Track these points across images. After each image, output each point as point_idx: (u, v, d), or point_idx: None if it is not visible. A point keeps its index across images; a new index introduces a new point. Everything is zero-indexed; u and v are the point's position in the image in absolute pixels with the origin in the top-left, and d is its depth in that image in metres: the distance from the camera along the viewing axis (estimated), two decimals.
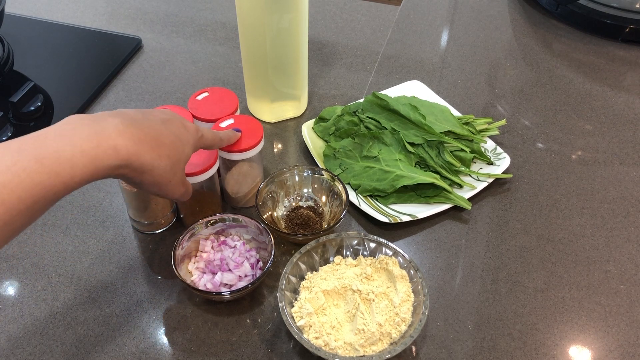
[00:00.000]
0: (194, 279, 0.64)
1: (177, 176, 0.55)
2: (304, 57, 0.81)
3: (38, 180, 0.42)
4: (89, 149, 0.45)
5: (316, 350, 0.55)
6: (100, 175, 0.47)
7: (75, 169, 0.44)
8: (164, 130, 0.52)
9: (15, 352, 0.60)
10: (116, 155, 0.47)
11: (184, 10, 1.08)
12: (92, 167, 0.45)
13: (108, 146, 0.46)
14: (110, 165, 0.47)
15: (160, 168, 0.51)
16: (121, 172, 0.48)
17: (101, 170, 0.46)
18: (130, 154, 0.48)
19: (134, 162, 0.48)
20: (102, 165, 0.46)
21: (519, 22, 1.06)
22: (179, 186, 0.56)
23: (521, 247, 0.70)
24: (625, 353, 0.60)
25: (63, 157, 0.43)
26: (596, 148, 0.82)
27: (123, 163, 0.48)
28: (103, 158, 0.46)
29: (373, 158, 0.76)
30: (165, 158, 0.52)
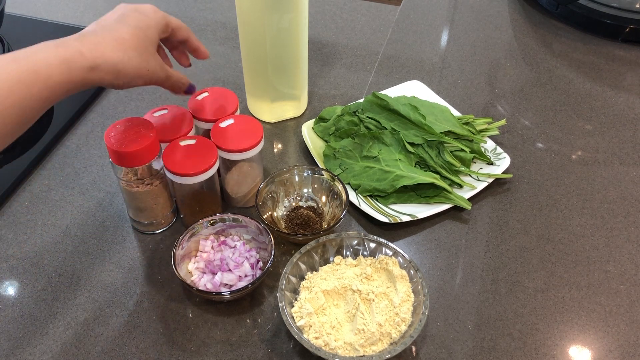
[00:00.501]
0: (194, 279, 0.64)
1: (152, 63, 0.57)
2: (304, 57, 0.81)
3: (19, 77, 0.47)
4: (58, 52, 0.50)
5: (316, 350, 0.55)
6: (77, 79, 0.51)
7: (50, 69, 0.48)
8: (120, 26, 0.56)
9: (15, 352, 0.60)
10: (83, 58, 0.51)
11: (184, 10, 1.08)
12: (66, 68, 0.49)
13: (74, 51, 0.51)
14: (82, 66, 0.50)
15: (131, 61, 0.54)
16: (97, 75, 0.52)
17: (74, 72, 0.50)
18: (95, 56, 0.52)
19: (101, 62, 0.52)
20: (74, 66, 0.50)
21: (519, 22, 1.06)
22: (159, 72, 0.59)
23: (521, 247, 0.70)
24: (625, 353, 0.60)
25: (37, 57, 0.48)
26: (596, 148, 0.82)
27: (92, 64, 0.51)
28: (72, 60, 0.50)
29: (373, 158, 0.76)
30: (130, 50, 0.55)
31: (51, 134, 0.82)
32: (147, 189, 0.66)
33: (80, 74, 0.51)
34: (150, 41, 0.58)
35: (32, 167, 0.79)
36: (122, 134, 0.62)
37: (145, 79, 0.58)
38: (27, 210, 0.74)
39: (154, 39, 0.59)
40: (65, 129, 0.84)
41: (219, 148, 0.67)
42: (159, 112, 0.70)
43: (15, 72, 0.47)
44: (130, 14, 0.58)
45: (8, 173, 0.77)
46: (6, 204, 0.74)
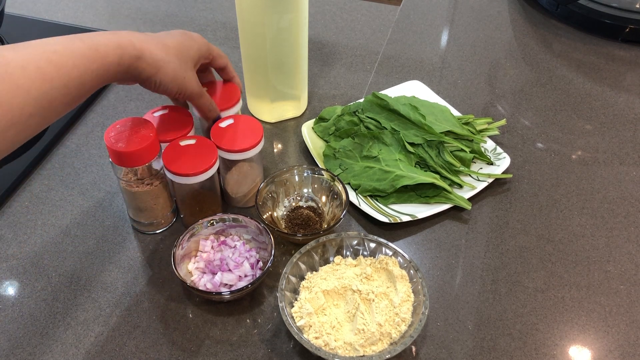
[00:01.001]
0: (194, 279, 0.64)
1: (189, 74, 0.64)
2: (304, 57, 0.81)
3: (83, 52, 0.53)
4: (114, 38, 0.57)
5: (316, 350, 0.55)
6: (126, 63, 0.57)
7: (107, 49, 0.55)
8: (167, 37, 0.63)
9: (15, 352, 0.60)
10: (133, 47, 0.57)
11: (184, 10, 1.08)
12: (119, 51, 0.56)
13: (127, 40, 0.57)
14: (131, 54, 0.57)
15: (171, 63, 0.61)
16: (142, 65, 0.58)
17: (125, 57, 0.56)
18: (142, 48, 0.58)
19: (147, 55, 0.58)
20: (125, 52, 0.56)
21: (519, 22, 1.06)
22: (194, 83, 0.65)
23: (521, 247, 0.70)
24: (625, 353, 0.60)
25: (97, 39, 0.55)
26: (596, 148, 0.82)
27: (139, 54, 0.58)
28: (125, 46, 0.57)
29: (373, 158, 0.76)
30: (173, 56, 0.61)
31: (51, 134, 0.82)
32: (147, 189, 0.66)
33: (129, 60, 0.57)
34: (191, 58, 0.64)
35: (32, 167, 0.79)
36: (122, 134, 0.62)
37: (181, 86, 0.63)
38: (27, 210, 0.74)
39: (194, 58, 0.65)
40: (65, 129, 0.84)
41: (219, 148, 0.67)
42: (159, 112, 0.70)
43: (81, 49, 0.53)
44: (177, 32, 0.66)
45: (8, 173, 0.77)
46: (6, 204, 0.74)
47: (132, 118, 0.65)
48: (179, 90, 0.63)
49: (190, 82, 0.64)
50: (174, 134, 0.68)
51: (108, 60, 0.55)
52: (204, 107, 0.68)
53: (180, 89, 0.63)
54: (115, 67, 0.56)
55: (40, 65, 0.50)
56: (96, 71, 0.54)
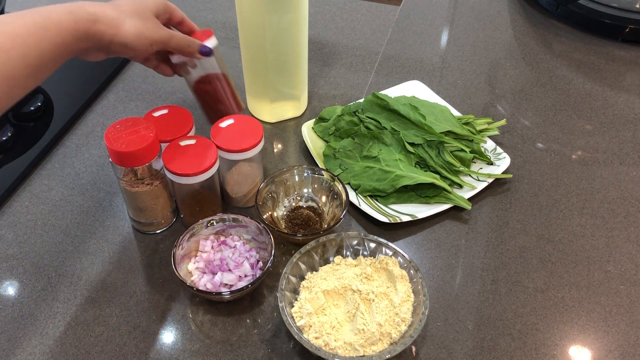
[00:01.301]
0: (194, 279, 0.64)
1: (150, 23, 0.62)
2: (304, 57, 0.81)
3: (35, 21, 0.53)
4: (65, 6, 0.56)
5: (316, 350, 0.55)
6: (83, 28, 0.56)
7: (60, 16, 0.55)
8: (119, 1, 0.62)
9: (15, 352, 0.60)
10: (85, 11, 0.56)
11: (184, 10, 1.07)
12: (72, 17, 0.55)
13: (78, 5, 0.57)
14: (85, 18, 0.56)
15: (128, 19, 0.60)
16: (99, 28, 0.57)
17: (80, 22, 0.56)
18: (96, 10, 0.57)
19: (101, 16, 0.57)
20: (79, 17, 0.56)
21: (519, 22, 1.06)
22: (159, 30, 0.62)
23: (521, 247, 0.70)
24: (625, 353, 0.60)
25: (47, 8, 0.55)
26: (596, 148, 0.82)
27: (94, 17, 0.57)
28: (77, 11, 0.56)
29: (373, 158, 0.76)
30: (128, 12, 0.60)
31: (51, 134, 0.82)
32: (147, 189, 0.66)
33: (85, 24, 0.56)
34: (148, 9, 0.63)
35: (32, 167, 0.79)
36: (122, 134, 0.62)
37: (147, 38, 0.61)
38: (27, 210, 0.74)
39: (152, 8, 0.63)
40: (65, 129, 0.84)
41: (219, 148, 0.67)
42: (159, 112, 0.70)
43: (33, 17, 0.53)
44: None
45: (8, 173, 0.77)
46: (6, 204, 0.74)
47: (132, 118, 0.65)
48: (148, 43, 0.61)
49: (155, 30, 0.62)
50: (174, 134, 0.68)
51: (63, 27, 0.55)
52: (182, 47, 0.65)
53: (147, 41, 0.61)
54: (72, 33, 0.55)
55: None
56: (53, 38, 0.54)
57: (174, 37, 0.64)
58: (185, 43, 0.65)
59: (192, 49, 0.66)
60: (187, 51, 0.66)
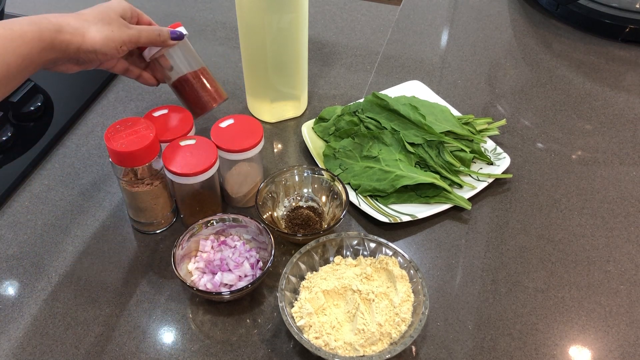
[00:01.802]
0: (194, 279, 0.64)
1: (115, 25, 0.62)
2: (304, 57, 0.81)
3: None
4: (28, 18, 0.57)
5: (316, 350, 0.55)
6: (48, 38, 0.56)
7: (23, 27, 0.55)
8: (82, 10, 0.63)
9: (15, 352, 0.60)
10: (48, 22, 0.57)
11: (184, 10, 1.08)
12: (36, 28, 0.56)
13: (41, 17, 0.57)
14: (49, 28, 0.56)
15: (92, 25, 0.60)
16: (64, 37, 0.58)
17: (44, 32, 0.56)
18: (59, 21, 0.58)
19: (65, 25, 0.58)
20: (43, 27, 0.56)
21: (519, 22, 1.06)
22: (125, 30, 0.63)
23: (521, 247, 0.70)
24: (625, 353, 0.60)
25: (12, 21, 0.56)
26: (596, 148, 0.82)
27: (57, 27, 0.57)
28: (40, 22, 0.56)
29: (373, 158, 0.76)
30: (91, 19, 0.61)
31: (51, 134, 0.82)
32: (147, 189, 0.66)
33: (49, 34, 0.57)
34: (112, 10, 0.63)
35: (32, 167, 0.79)
36: (122, 134, 0.62)
37: (115, 40, 0.61)
38: (27, 210, 0.74)
39: (116, 9, 0.64)
40: (65, 129, 0.84)
41: (219, 148, 0.67)
42: (159, 112, 0.70)
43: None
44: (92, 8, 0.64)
45: (8, 173, 0.77)
46: (6, 204, 0.74)
47: (132, 118, 0.65)
48: (117, 46, 0.62)
49: (121, 31, 0.62)
50: (174, 134, 0.68)
51: (28, 37, 0.55)
52: (152, 38, 0.66)
53: (116, 44, 0.61)
54: (37, 43, 0.55)
55: None
56: (18, 49, 0.54)
57: (143, 31, 0.65)
58: (155, 33, 0.66)
59: (163, 37, 0.67)
60: (158, 41, 0.67)
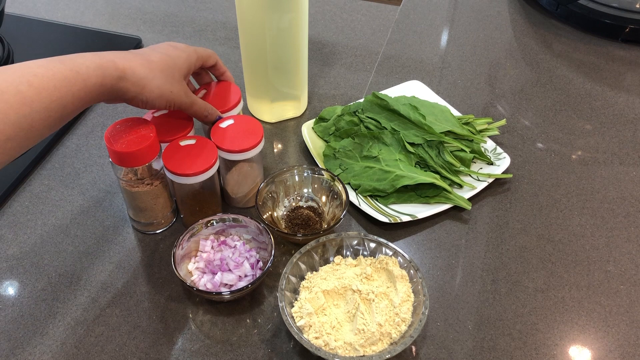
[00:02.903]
0: (194, 279, 0.64)
1: (176, 87, 0.63)
2: (304, 57, 0.81)
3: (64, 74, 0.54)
4: (95, 59, 0.57)
5: (316, 350, 0.55)
6: (109, 84, 0.57)
7: (89, 71, 0.55)
8: (151, 53, 0.63)
9: (15, 352, 0.60)
10: (115, 67, 0.57)
11: (184, 10, 1.08)
12: (100, 73, 0.56)
13: (109, 60, 0.57)
14: (113, 75, 0.57)
15: (156, 79, 0.61)
16: (126, 85, 0.58)
17: (107, 79, 0.57)
18: (125, 67, 0.58)
19: (129, 74, 0.58)
20: (107, 73, 0.56)
21: (519, 22, 1.06)
22: (182, 97, 0.64)
23: (521, 247, 0.70)
24: (625, 353, 0.60)
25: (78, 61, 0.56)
26: (596, 148, 0.82)
27: (121, 74, 0.58)
28: (106, 67, 0.57)
29: (373, 158, 0.76)
30: (157, 71, 0.61)
31: (51, 134, 0.82)
32: (147, 189, 0.66)
33: (112, 81, 0.57)
34: (178, 69, 0.64)
35: (32, 167, 0.79)
36: (122, 134, 0.62)
37: (169, 100, 0.63)
38: (27, 210, 0.74)
39: (182, 68, 0.65)
40: (65, 129, 0.84)
41: (219, 148, 0.67)
42: (159, 112, 0.70)
43: (62, 71, 0.54)
44: (163, 45, 0.66)
45: (8, 173, 0.77)
46: (6, 204, 0.74)
47: (132, 118, 0.65)
48: (168, 105, 0.63)
49: (178, 96, 0.64)
50: (174, 134, 0.68)
51: (90, 82, 0.55)
52: (199, 115, 0.68)
53: (168, 103, 0.63)
54: (98, 88, 0.56)
55: (21, 89, 0.50)
56: (77, 93, 0.54)
57: (194, 106, 0.67)
58: (202, 114, 0.68)
59: (209, 119, 0.69)
60: (203, 119, 0.69)
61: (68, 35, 1.00)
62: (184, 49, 0.66)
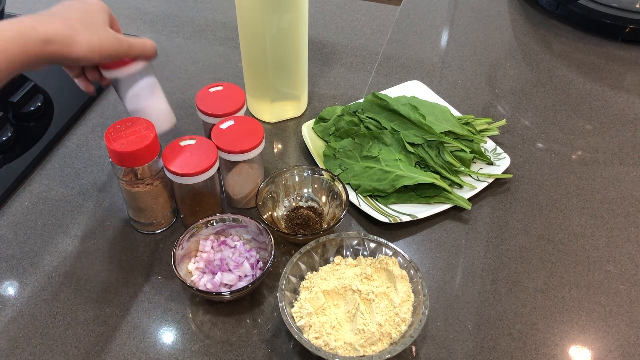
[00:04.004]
0: (194, 279, 0.64)
1: (103, 34, 0.60)
2: (304, 57, 0.81)
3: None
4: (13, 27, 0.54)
5: (316, 350, 0.55)
6: (33, 50, 0.54)
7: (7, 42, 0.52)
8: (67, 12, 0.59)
9: (15, 352, 0.60)
10: (36, 32, 0.54)
11: (184, 10, 1.08)
12: (22, 41, 0.53)
13: (28, 25, 0.54)
14: (36, 39, 0.54)
15: (81, 34, 0.58)
16: (52, 48, 0.55)
17: (30, 45, 0.54)
18: (47, 30, 0.55)
19: (52, 35, 0.55)
20: (29, 39, 0.54)
21: (519, 22, 1.06)
22: (113, 41, 0.60)
23: (521, 247, 0.70)
24: (625, 353, 0.60)
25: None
26: (596, 148, 0.82)
27: (46, 37, 0.55)
28: (27, 33, 0.54)
29: (373, 158, 0.76)
30: (78, 27, 0.58)
31: (51, 134, 0.82)
32: (147, 189, 0.66)
33: (36, 46, 0.54)
34: (98, 18, 0.61)
35: (32, 167, 0.79)
36: (122, 134, 0.62)
37: (101, 51, 0.59)
38: (27, 210, 0.74)
39: (101, 17, 0.61)
40: (65, 129, 0.84)
41: (220, 149, 0.67)
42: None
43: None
44: (73, 3, 0.61)
45: (8, 173, 0.77)
46: (6, 204, 0.74)
47: (132, 118, 0.65)
48: (102, 56, 0.60)
49: (109, 43, 0.60)
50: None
51: (11, 53, 0.52)
52: (141, 54, 0.64)
53: (102, 55, 0.59)
54: (21, 57, 0.53)
55: None
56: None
57: (134, 46, 0.63)
58: (142, 52, 0.64)
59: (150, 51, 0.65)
60: (145, 55, 0.65)
61: None
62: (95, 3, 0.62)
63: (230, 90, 0.73)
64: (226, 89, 0.73)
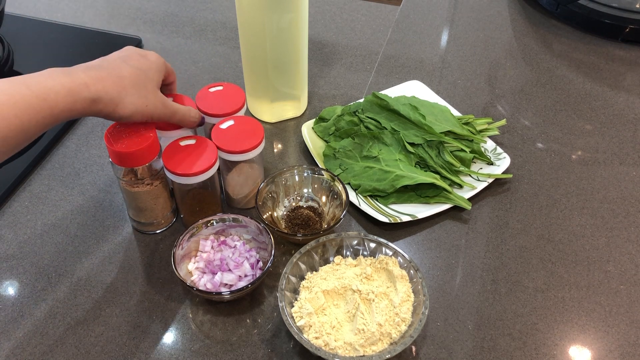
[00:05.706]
0: (194, 279, 0.64)
1: (151, 99, 0.61)
2: (304, 57, 0.81)
3: (28, 101, 0.51)
4: (66, 82, 0.54)
5: (316, 350, 0.55)
6: (80, 108, 0.55)
7: (58, 97, 0.53)
8: (122, 65, 0.61)
9: (15, 352, 0.60)
10: (87, 90, 0.55)
11: (184, 10, 1.08)
12: (71, 99, 0.54)
13: (80, 82, 0.55)
14: (85, 97, 0.55)
15: (129, 96, 0.59)
16: (98, 107, 0.57)
17: (79, 102, 0.55)
18: (97, 89, 0.56)
19: (102, 95, 0.57)
20: (79, 97, 0.55)
21: (519, 22, 1.06)
22: (160, 108, 0.62)
23: (521, 247, 0.70)
24: (625, 353, 0.60)
25: (47, 85, 0.53)
26: (596, 148, 0.82)
27: (95, 96, 0.56)
28: (78, 91, 0.55)
29: (373, 158, 0.76)
30: (129, 87, 0.59)
31: (51, 134, 0.82)
32: (147, 189, 0.66)
33: (83, 104, 0.55)
34: (150, 80, 0.62)
35: (32, 167, 0.79)
36: (122, 134, 0.62)
37: (145, 114, 0.61)
38: (27, 210, 0.74)
39: (154, 79, 0.63)
40: (65, 129, 0.84)
41: (220, 149, 0.67)
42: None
43: (26, 98, 0.51)
44: (133, 56, 0.63)
45: (8, 173, 0.77)
46: (6, 204, 0.74)
47: None
48: (145, 118, 0.62)
49: (155, 107, 0.62)
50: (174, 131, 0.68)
51: (58, 109, 0.53)
52: (184, 122, 0.66)
53: (145, 117, 0.61)
54: (67, 113, 0.54)
55: None
56: (42, 120, 0.52)
57: (175, 115, 0.64)
58: (187, 120, 0.66)
59: (193, 121, 0.67)
60: (188, 124, 0.67)
61: (68, 35, 1.00)
62: (153, 59, 0.64)
63: (230, 90, 0.73)
64: (226, 89, 0.73)
